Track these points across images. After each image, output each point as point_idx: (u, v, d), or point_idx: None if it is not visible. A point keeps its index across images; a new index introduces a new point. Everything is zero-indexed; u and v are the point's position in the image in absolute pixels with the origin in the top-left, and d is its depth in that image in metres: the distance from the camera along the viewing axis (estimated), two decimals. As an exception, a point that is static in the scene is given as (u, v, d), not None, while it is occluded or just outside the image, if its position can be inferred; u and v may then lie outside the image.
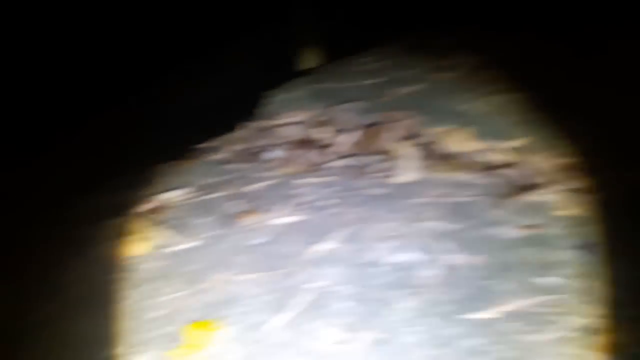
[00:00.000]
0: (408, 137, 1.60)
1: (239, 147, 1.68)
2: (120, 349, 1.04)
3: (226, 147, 1.68)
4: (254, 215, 1.37)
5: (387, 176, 1.48)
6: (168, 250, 1.27)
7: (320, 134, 1.72)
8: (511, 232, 1.24)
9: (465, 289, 1.08)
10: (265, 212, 1.36)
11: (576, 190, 1.36)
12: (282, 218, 1.35)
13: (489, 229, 1.25)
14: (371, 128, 1.68)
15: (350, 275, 1.15)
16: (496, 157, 1.48)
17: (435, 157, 1.52)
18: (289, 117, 1.81)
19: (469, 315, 1.01)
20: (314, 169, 1.56)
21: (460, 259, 1.16)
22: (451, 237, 1.22)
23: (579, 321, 1.00)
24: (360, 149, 1.62)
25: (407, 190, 1.41)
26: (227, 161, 1.60)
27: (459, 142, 1.55)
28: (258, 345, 1.01)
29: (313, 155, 1.62)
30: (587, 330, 0.97)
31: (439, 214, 1.31)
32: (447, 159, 1.51)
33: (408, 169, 1.47)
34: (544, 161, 1.47)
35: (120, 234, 1.30)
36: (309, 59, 2.12)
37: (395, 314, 1.02)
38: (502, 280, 1.10)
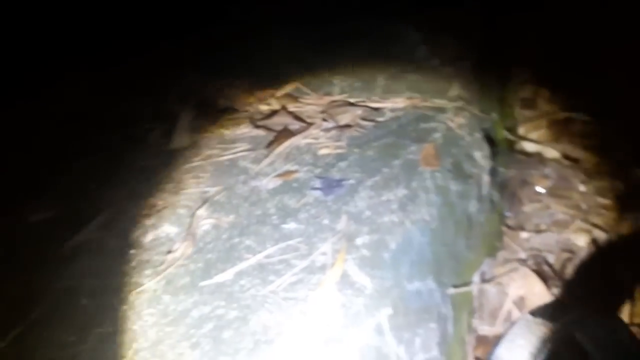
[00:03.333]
0: (183, 98, 1.48)
1: None
2: None
3: None
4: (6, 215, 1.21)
5: (163, 143, 1.37)
6: None
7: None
8: (270, 182, 1.18)
9: (211, 254, 1.01)
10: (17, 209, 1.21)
11: (341, 127, 1.33)
12: (37, 214, 1.20)
13: (250, 184, 1.18)
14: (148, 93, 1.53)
15: (99, 265, 1.04)
16: (264, 107, 1.41)
17: (208, 115, 1.42)
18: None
19: (206, 282, 0.95)
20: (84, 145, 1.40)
21: (214, 222, 1.09)
22: (210, 200, 1.15)
23: (318, 260, 0.97)
24: (139, 117, 1.48)
25: (178, 156, 1.31)
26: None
27: (230, 96, 1.46)
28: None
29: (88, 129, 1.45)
30: (322, 269, 0.95)
31: (202, 178, 1.22)
32: (218, 117, 1.41)
33: (182, 133, 1.36)
34: (311, 102, 1.42)
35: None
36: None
37: (129, 302, 0.94)
38: (252, 235, 1.04)
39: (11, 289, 0.96)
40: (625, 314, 1.18)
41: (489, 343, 1.15)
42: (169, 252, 0.98)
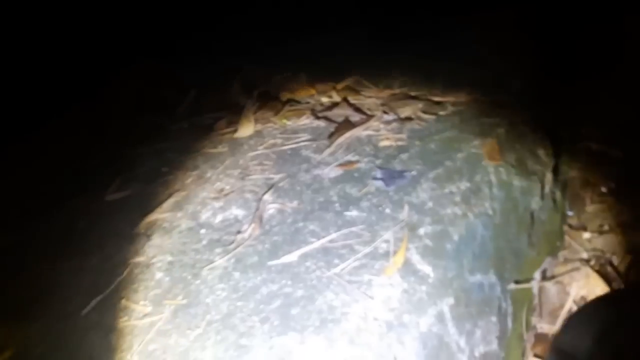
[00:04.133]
0: (246, 89, 1.54)
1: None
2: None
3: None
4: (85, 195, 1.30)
5: (229, 132, 1.43)
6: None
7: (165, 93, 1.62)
8: (332, 172, 1.21)
9: (277, 236, 1.06)
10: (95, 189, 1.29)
11: (402, 120, 1.35)
12: (113, 194, 1.28)
13: (312, 172, 1.22)
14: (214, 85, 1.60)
15: (172, 242, 1.10)
16: (325, 99, 1.44)
17: (271, 106, 1.47)
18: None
19: (273, 262, 0.99)
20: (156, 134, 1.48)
21: (279, 207, 1.14)
22: (275, 186, 1.19)
23: (381, 247, 0.99)
24: (207, 107, 1.55)
25: (243, 144, 1.36)
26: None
27: (292, 88, 1.50)
28: (67, 332, 0.97)
29: (159, 119, 1.54)
30: (385, 255, 0.97)
31: (266, 166, 1.27)
32: (281, 108, 1.46)
33: (247, 123, 1.42)
34: (372, 95, 1.45)
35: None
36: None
37: (202, 277, 0.99)
38: (316, 220, 1.08)
39: (91, 261, 1.04)
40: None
41: (548, 341, 1.14)
42: (238, 232, 1.03)
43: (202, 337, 0.83)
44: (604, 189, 1.45)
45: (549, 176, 1.28)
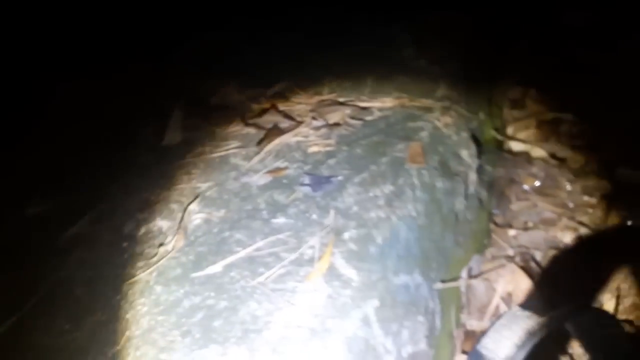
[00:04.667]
0: (176, 96, 1.52)
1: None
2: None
3: None
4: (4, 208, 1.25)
5: (155, 140, 1.41)
6: None
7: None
8: (261, 179, 1.23)
9: (202, 247, 1.06)
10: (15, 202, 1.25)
11: (330, 126, 1.38)
12: (34, 207, 1.24)
13: (241, 180, 1.23)
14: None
15: (93, 257, 1.09)
16: (255, 106, 1.46)
17: (200, 113, 1.47)
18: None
19: (197, 274, 1.00)
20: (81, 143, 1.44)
21: (206, 216, 1.14)
22: (202, 195, 1.19)
23: (307, 253, 1.02)
24: (132, 114, 1.52)
25: (170, 153, 1.35)
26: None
27: (221, 95, 1.51)
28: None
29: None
30: (310, 261, 1.00)
31: (194, 175, 1.27)
32: (211, 114, 1.46)
33: (175, 131, 1.41)
34: (301, 101, 1.47)
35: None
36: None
37: (122, 292, 0.98)
38: (242, 229, 1.09)
39: (8, 278, 1.01)
40: (609, 310, 1.24)
41: (477, 338, 1.19)
42: (161, 245, 1.02)
43: (121, 353, 0.83)
44: (526, 187, 1.54)
45: (472, 176, 1.34)
